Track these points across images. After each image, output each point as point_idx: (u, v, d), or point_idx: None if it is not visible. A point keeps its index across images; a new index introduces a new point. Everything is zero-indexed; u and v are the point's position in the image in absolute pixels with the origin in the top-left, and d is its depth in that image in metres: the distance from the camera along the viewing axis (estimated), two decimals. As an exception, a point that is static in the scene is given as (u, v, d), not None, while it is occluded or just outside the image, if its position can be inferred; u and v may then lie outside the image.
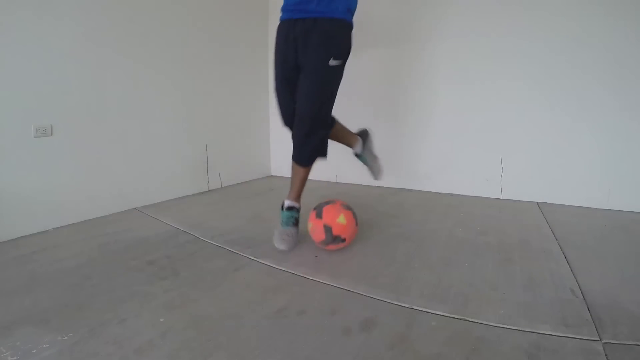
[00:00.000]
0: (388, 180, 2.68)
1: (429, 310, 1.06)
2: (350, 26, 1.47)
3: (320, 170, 3.11)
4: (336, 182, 2.94)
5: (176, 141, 2.40)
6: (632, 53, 1.97)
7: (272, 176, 3.25)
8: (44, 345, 0.90)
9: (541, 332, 0.94)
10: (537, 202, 2.26)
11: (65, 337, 0.93)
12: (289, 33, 1.45)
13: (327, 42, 1.39)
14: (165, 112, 2.32)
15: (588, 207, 2.13)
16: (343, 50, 1.45)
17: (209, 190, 2.65)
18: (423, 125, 2.58)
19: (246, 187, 2.82)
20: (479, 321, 1.00)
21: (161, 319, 1.02)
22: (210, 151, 2.64)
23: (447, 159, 2.53)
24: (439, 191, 2.56)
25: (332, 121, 1.64)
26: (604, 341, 0.90)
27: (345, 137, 1.78)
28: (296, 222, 1.59)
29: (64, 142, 1.81)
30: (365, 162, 1.88)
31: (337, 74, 1.46)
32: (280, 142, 3.25)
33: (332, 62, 1.40)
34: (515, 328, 0.96)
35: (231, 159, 2.84)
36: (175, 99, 2.37)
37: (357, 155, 1.88)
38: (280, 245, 1.47)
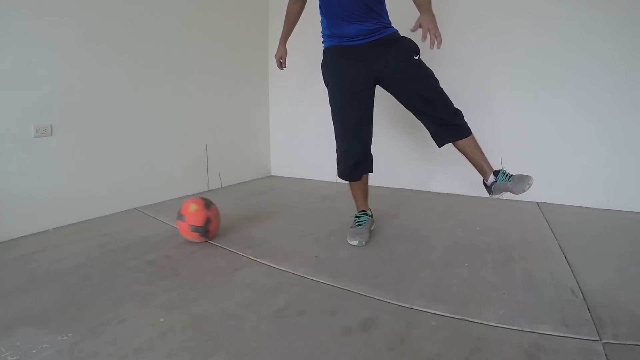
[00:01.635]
0: (388, 180, 2.68)
1: (429, 310, 1.05)
2: (399, 33, 1.55)
3: (320, 170, 3.13)
4: (336, 182, 2.93)
5: (176, 141, 2.40)
6: (631, 55, 1.97)
7: (272, 176, 3.25)
8: (44, 345, 0.90)
9: (541, 332, 0.94)
10: (537, 202, 2.26)
11: (65, 337, 0.93)
12: (351, 54, 1.50)
13: (399, 47, 1.47)
14: (165, 112, 2.32)
15: (588, 207, 2.13)
16: (414, 46, 1.49)
17: (209, 190, 2.65)
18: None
19: (246, 187, 2.82)
20: (479, 321, 1.00)
21: (161, 319, 1.01)
22: (210, 151, 2.64)
23: (447, 159, 2.53)
24: (439, 191, 2.56)
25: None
26: (604, 341, 0.90)
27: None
28: None
29: (64, 142, 1.81)
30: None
31: (425, 65, 1.51)
32: (280, 142, 3.25)
33: (415, 57, 1.47)
34: (515, 328, 0.96)
35: (231, 159, 2.84)
36: (175, 99, 2.37)
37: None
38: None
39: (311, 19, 2.38)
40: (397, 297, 1.13)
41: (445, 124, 1.53)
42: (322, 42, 1.62)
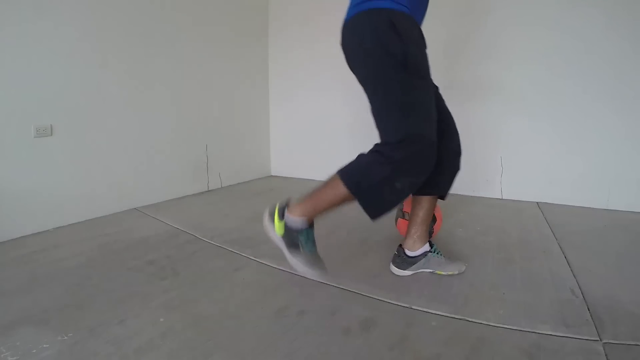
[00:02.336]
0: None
1: (429, 310, 1.05)
2: None
3: (320, 170, 3.12)
4: (336, 182, 2.93)
5: (176, 141, 2.40)
6: (630, 57, 1.98)
7: (272, 176, 3.25)
8: (44, 345, 0.90)
9: (541, 332, 0.94)
10: (537, 202, 2.26)
11: (65, 337, 0.93)
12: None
13: None
14: (165, 112, 2.32)
15: (588, 207, 2.13)
16: None
17: (209, 190, 2.65)
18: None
19: (246, 187, 2.82)
20: (479, 321, 1.00)
21: (161, 319, 1.01)
22: (210, 151, 2.64)
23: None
24: (439, 191, 2.56)
25: None
26: (604, 341, 0.90)
27: None
28: None
29: (64, 142, 1.81)
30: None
31: None
32: (280, 142, 3.25)
33: None
34: (515, 328, 0.96)
35: (231, 159, 2.84)
36: (175, 99, 2.37)
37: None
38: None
39: (312, 20, 2.37)
40: (397, 297, 1.13)
41: (456, 147, 1.28)
42: (386, 5, 1.06)
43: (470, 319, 1.01)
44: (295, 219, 1.14)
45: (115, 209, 2.05)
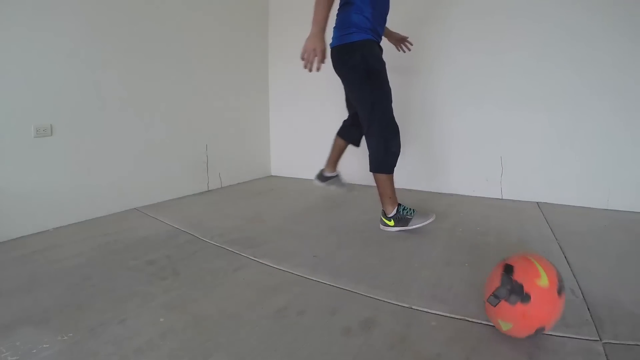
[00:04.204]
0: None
1: (429, 310, 1.05)
2: None
3: (319, 169, 3.12)
4: (336, 182, 2.93)
5: (176, 141, 2.40)
6: (630, 56, 1.97)
7: (272, 176, 3.26)
8: (44, 345, 0.90)
9: (541, 332, 0.94)
10: (537, 202, 2.26)
11: (65, 337, 0.93)
12: (381, 51, 1.75)
13: None
14: (165, 112, 2.32)
15: (588, 207, 2.13)
16: None
17: (209, 190, 2.65)
18: (423, 125, 2.59)
19: (246, 187, 2.82)
20: (479, 321, 1.00)
21: (161, 319, 1.01)
22: (210, 151, 2.64)
23: (447, 159, 2.53)
24: (439, 191, 2.56)
25: None
26: (604, 341, 0.90)
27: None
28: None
29: (64, 142, 1.81)
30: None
31: None
32: (280, 142, 3.25)
33: None
34: (515, 328, 0.96)
35: (231, 159, 2.84)
36: (175, 99, 2.37)
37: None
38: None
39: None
40: (397, 297, 1.13)
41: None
42: (351, 34, 1.59)
43: (470, 319, 1.01)
44: (391, 211, 1.70)
45: (115, 209, 2.05)
